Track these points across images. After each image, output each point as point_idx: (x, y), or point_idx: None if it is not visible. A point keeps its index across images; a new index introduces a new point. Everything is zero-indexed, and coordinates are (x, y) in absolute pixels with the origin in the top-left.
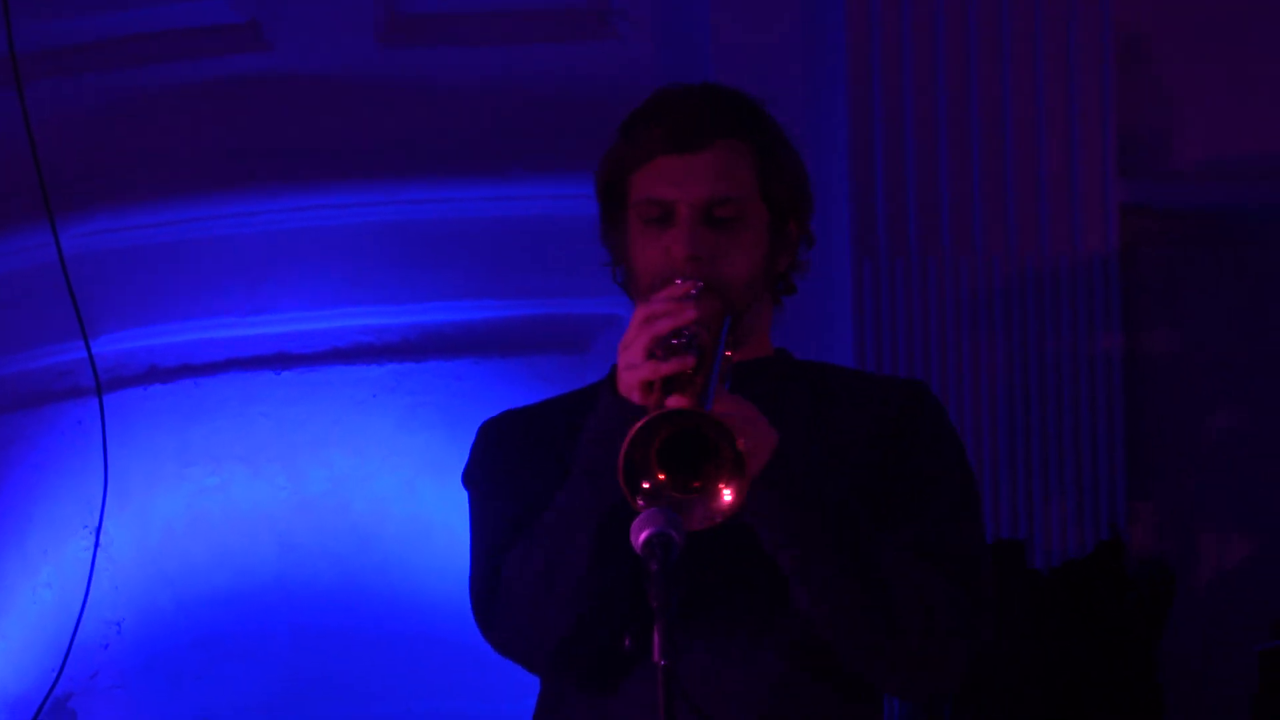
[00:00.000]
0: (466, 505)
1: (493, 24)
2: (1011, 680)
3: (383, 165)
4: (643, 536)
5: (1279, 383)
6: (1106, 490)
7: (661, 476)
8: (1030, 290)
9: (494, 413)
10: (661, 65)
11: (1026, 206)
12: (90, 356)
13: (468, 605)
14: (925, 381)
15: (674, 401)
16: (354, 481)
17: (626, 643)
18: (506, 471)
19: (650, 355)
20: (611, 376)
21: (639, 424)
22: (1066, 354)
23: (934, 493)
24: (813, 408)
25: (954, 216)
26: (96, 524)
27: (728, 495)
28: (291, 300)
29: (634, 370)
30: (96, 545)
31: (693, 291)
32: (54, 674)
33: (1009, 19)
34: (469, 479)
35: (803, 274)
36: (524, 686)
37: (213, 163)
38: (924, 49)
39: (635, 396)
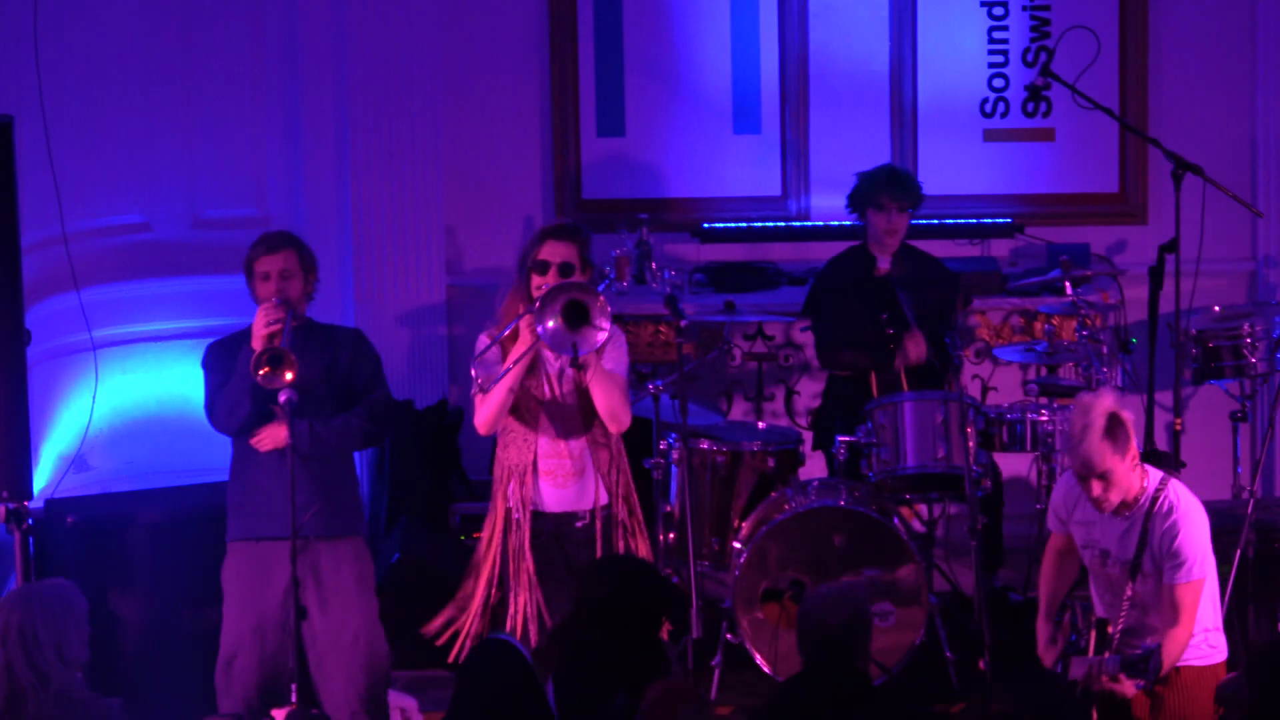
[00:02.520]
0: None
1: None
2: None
3: None
4: (284, 397)
5: None
6: (440, 379)
7: (265, 369)
8: (417, 316)
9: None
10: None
11: (411, 279)
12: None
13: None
14: (361, 330)
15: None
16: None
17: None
18: (219, 367)
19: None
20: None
21: (258, 353)
22: (429, 343)
23: (372, 384)
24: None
25: (368, 284)
26: (94, 390)
27: (289, 375)
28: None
29: (259, 332)
30: (94, 399)
31: (278, 301)
32: (79, 445)
33: (406, 180)
34: (204, 366)
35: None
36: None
37: None
38: (379, 194)
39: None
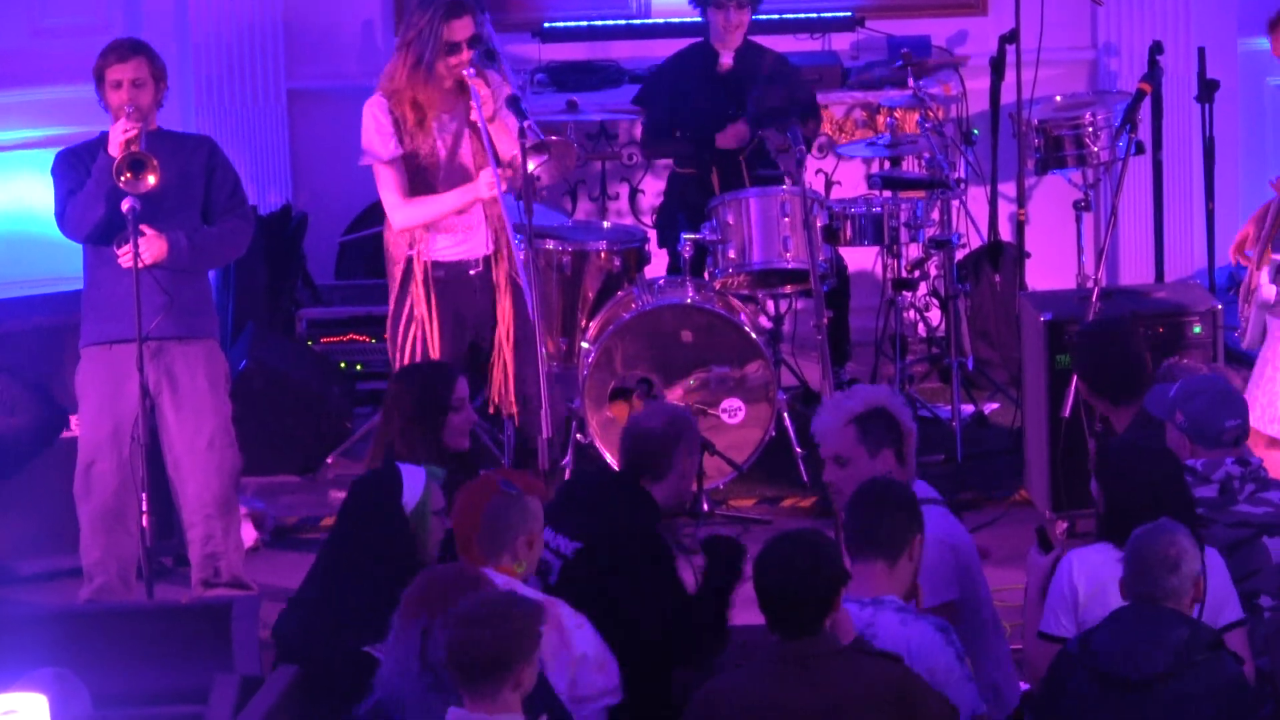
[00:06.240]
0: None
1: None
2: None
3: None
4: (126, 205)
5: None
6: (283, 184)
7: (128, 174)
8: (258, 121)
9: None
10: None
11: (251, 85)
12: None
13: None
14: (211, 138)
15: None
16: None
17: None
18: (70, 175)
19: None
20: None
21: (120, 159)
22: (271, 148)
23: (234, 195)
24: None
25: (208, 90)
26: None
27: (152, 179)
28: None
29: (117, 139)
30: None
31: (131, 110)
32: None
33: None
34: (54, 174)
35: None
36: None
37: None
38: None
39: (118, 150)
